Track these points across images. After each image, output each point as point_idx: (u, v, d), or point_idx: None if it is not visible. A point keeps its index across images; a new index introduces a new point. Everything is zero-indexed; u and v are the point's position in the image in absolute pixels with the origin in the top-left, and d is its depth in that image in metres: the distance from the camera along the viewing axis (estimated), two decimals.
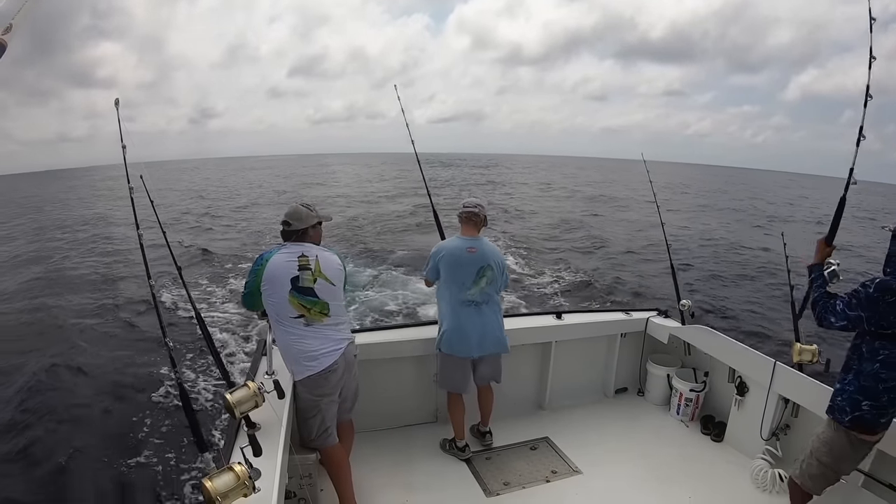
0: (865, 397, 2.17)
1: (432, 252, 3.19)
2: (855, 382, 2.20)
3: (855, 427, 2.21)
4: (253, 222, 17.92)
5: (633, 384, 4.22)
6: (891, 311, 2.06)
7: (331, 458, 2.63)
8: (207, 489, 1.55)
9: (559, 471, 3.21)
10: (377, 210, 21.02)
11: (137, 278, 9.46)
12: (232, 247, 13.84)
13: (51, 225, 19.16)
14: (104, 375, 6.01)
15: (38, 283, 10.40)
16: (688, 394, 3.73)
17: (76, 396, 5.55)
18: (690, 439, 3.60)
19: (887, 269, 2.15)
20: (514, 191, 33.35)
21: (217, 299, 9.07)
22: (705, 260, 12.75)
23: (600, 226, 18.46)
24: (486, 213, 3.18)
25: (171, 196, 27.00)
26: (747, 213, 25.51)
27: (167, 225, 2.65)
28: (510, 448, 3.44)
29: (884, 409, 2.18)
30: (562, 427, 3.68)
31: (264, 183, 40.45)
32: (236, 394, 1.96)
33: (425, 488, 3.01)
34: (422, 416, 3.69)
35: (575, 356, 3.98)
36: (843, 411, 2.23)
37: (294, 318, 2.48)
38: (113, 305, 8.73)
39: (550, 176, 50.55)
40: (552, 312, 4.00)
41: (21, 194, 40.21)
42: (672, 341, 3.92)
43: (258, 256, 2.58)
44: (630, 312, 4.14)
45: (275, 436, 2.12)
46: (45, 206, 27.48)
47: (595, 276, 10.95)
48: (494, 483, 3.08)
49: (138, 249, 2.16)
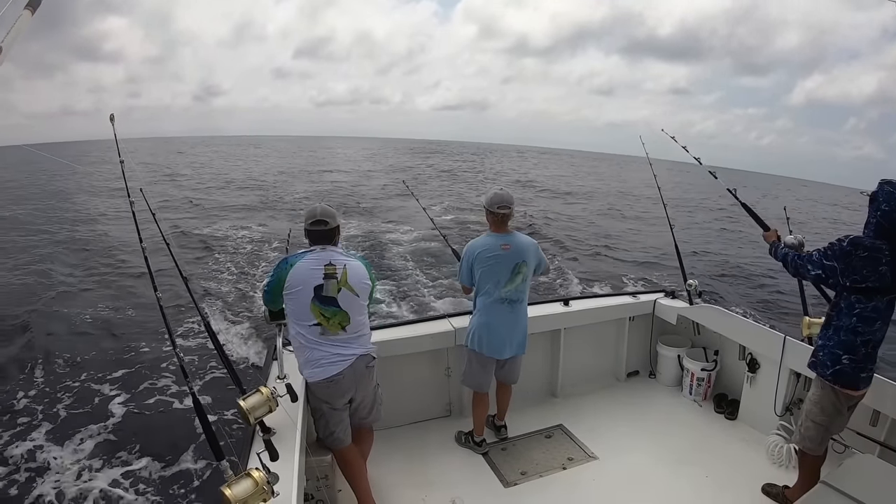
0: (845, 351, 2.31)
1: (464, 253, 3.10)
2: (834, 337, 2.34)
3: (837, 381, 2.34)
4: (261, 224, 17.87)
5: (644, 367, 4.22)
6: (863, 265, 2.20)
7: (342, 459, 2.64)
8: (227, 497, 1.56)
9: (575, 457, 3.22)
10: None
11: (144, 288, 9.47)
12: (239, 245, 13.83)
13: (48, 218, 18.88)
14: (114, 389, 6.04)
15: (40, 287, 10.43)
16: (699, 373, 3.73)
17: (88, 409, 5.58)
18: (704, 419, 3.61)
19: (865, 230, 2.29)
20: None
21: (225, 300, 9.08)
22: (709, 242, 12.73)
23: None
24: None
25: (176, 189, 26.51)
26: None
27: (167, 233, 2.66)
28: (525, 437, 3.45)
29: (862, 362, 2.31)
30: (575, 414, 3.68)
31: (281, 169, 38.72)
32: (250, 400, 1.97)
33: (443, 483, 3.02)
34: (435, 411, 3.70)
35: (585, 342, 3.98)
36: (825, 365, 2.37)
37: (311, 326, 2.46)
38: (120, 317, 8.75)
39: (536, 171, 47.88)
40: (560, 300, 4.00)
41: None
42: (681, 322, 3.91)
43: (282, 259, 2.54)
44: (637, 295, 4.14)
45: (290, 439, 2.13)
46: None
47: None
48: (512, 473, 3.09)
49: (139, 254, 2.16)
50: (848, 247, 2.23)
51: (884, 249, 2.20)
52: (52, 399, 5.83)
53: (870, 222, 2.26)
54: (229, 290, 9.95)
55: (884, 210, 2.20)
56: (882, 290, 2.23)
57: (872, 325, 2.27)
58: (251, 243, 13.39)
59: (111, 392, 5.98)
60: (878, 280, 2.21)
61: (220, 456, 1.87)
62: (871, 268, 2.20)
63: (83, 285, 11.11)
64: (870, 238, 2.24)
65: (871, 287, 2.22)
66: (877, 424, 2.79)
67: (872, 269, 2.20)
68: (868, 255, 2.20)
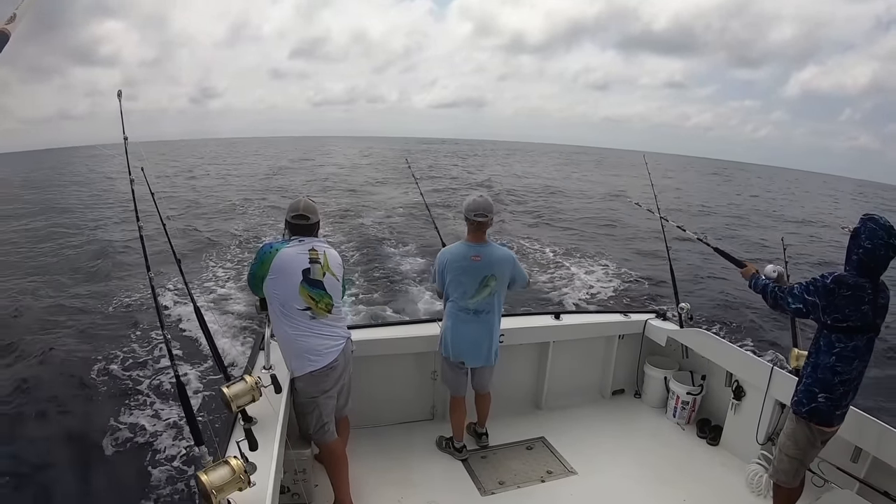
0: (821, 389, 2.29)
1: (437, 260, 3.11)
2: (812, 375, 2.33)
3: (812, 418, 2.34)
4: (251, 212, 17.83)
5: (630, 386, 4.23)
6: (845, 304, 2.18)
7: (328, 453, 2.64)
8: (203, 482, 1.55)
9: (554, 471, 3.21)
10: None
11: (136, 269, 9.43)
12: (234, 234, 13.82)
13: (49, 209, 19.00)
14: (99, 367, 6.01)
15: (28, 269, 10.40)
16: (684, 397, 3.73)
17: (69, 387, 5.56)
18: (686, 442, 3.61)
19: (846, 267, 2.26)
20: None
21: (216, 290, 9.06)
22: (703, 260, 12.73)
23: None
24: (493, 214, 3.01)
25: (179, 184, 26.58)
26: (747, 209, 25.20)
27: (168, 218, 2.65)
28: (506, 447, 3.44)
29: (838, 401, 2.30)
30: (558, 427, 3.68)
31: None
32: (234, 387, 1.96)
33: (420, 485, 3.02)
34: (419, 414, 3.70)
35: (572, 357, 3.98)
36: (801, 403, 2.37)
37: (301, 311, 2.47)
38: (110, 297, 8.71)
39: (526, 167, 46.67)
40: (550, 313, 4.00)
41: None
42: (670, 344, 3.92)
43: (265, 244, 2.56)
44: (628, 314, 4.14)
45: (271, 430, 2.13)
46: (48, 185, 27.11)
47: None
48: (490, 482, 3.08)
49: (134, 239, 2.16)
50: (832, 284, 2.20)
51: (866, 288, 2.19)
52: (36, 374, 5.80)
53: (851, 259, 2.23)
54: (224, 277, 9.94)
55: (866, 248, 2.17)
56: (863, 329, 2.22)
57: (851, 364, 2.25)
58: (250, 237, 13.39)
59: (96, 368, 5.95)
60: (860, 319, 2.20)
61: (200, 441, 1.86)
62: (854, 307, 2.18)
63: (72, 258, 11.08)
64: (853, 276, 2.21)
65: (852, 326, 2.20)
66: (857, 461, 2.79)
67: (855, 308, 2.18)
68: (851, 293, 2.18)
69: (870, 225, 2.17)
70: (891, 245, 2.14)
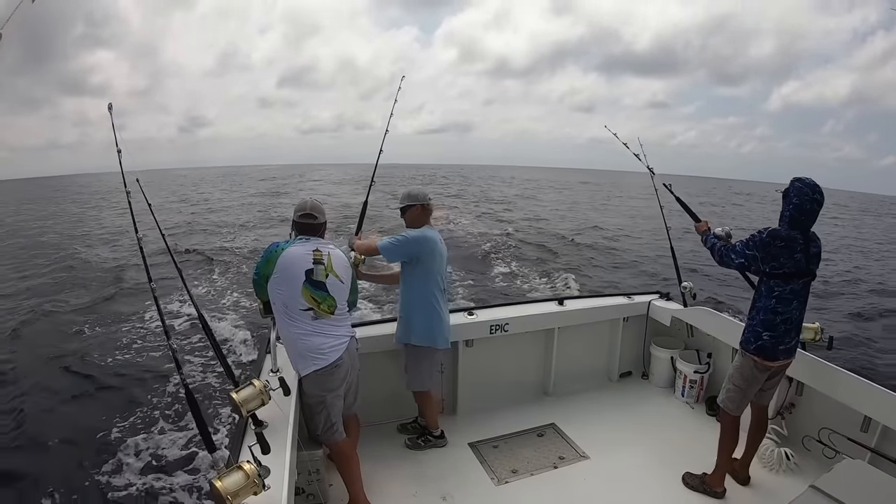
0: (765, 328, 2.59)
1: (412, 237, 2.98)
2: (756, 317, 2.63)
3: (758, 354, 2.62)
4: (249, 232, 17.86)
5: (637, 368, 4.24)
6: (780, 254, 2.48)
7: (339, 453, 2.65)
8: (218, 489, 1.56)
9: (566, 456, 3.23)
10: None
11: (138, 280, 9.45)
12: (234, 247, 13.84)
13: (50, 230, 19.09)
14: (108, 379, 6.03)
15: (37, 284, 10.41)
16: (692, 375, 3.74)
17: (79, 400, 5.58)
18: (696, 421, 3.62)
19: (781, 223, 2.56)
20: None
21: (219, 297, 9.08)
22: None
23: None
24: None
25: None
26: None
27: (166, 229, 2.64)
28: (517, 435, 3.46)
29: (781, 338, 2.58)
30: (568, 413, 3.70)
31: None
32: (242, 392, 1.96)
33: (434, 479, 3.03)
34: None
35: (578, 342, 3.99)
36: (749, 341, 2.66)
37: (303, 311, 2.48)
38: (114, 308, 8.74)
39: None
40: (554, 299, 4.01)
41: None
42: (674, 324, 3.92)
43: (272, 244, 2.58)
44: (632, 296, 4.15)
45: (282, 433, 2.13)
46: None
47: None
48: (502, 471, 3.10)
49: (133, 252, 2.16)
50: (767, 238, 2.50)
51: (798, 239, 2.48)
52: (47, 386, 5.82)
53: (784, 215, 2.53)
54: (226, 285, 9.96)
55: (795, 203, 2.47)
56: (798, 274, 2.52)
57: (790, 305, 2.55)
58: (251, 250, 13.40)
59: (103, 383, 5.97)
60: (795, 266, 2.50)
61: (212, 448, 1.86)
62: (788, 255, 2.48)
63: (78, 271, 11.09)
64: (785, 229, 2.50)
65: (788, 272, 2.50)
66: (868, 431, 2.81)
67: (789, 257, 2.48)
68: (784, 244, 2.47)
69: (797, 184, 2.48)
70: (815, 199, 2.46)
